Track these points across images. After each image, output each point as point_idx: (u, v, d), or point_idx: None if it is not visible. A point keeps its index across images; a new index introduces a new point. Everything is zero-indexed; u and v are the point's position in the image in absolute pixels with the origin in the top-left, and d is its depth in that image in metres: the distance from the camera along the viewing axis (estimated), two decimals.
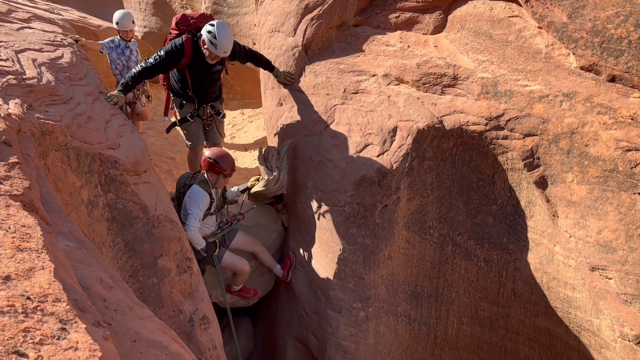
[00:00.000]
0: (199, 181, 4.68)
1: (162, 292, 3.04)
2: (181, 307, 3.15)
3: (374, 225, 4.47)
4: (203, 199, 4.58)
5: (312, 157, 4.86)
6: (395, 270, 4.68)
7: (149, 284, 3.01)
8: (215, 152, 4.76)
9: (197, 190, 4.60)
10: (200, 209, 4.53)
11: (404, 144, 4.36)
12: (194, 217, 4.46)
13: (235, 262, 5.02)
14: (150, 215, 3.18)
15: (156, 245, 3.17)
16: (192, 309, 3.21)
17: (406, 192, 4.49)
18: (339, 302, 4.61)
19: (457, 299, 4.72)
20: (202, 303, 3.35)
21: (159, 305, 2.99)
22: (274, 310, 5.87)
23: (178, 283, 3.22)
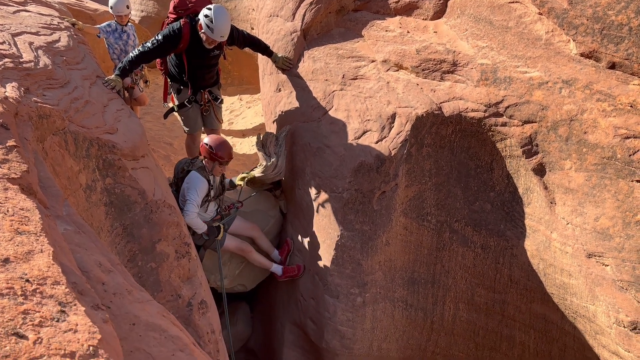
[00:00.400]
0: (197, 167, 4.67)
1: (160, 276, 3.05)
2: (179, 291, 3.16)
3: (371, 212, 4.47)
4: (201, 185, 4.58)
5: (311, 143, 4.84)
6: (392, 256, 4.70)
7: (147, 269, 3.02)
8: (213, 139, 4.75)
9: (195, 177, 4.60)
10: (199, 195, 4.54)
11: (403, 130, 4.35)
12: (192, 202, 4.46)
13: (237, 245, 5.04)
14: (148, 200, 3.17)
15: (154, 230, 3.17)
16: (191, 293, 3.23)
17: (404, 178, 4.49)
18: (337, 288, 4.63)
19: (454, 285, 4.75)
20: (200, 288, 3.36)
21: (158, 290, 3.00)
22: (272, 296, 5.90)
23: (176, 268, 3.22)
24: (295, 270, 5.15)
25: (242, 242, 5.10)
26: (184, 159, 4.93)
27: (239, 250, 5.07)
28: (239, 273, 5.54)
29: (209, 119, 5.70)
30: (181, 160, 4.94)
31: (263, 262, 5.21)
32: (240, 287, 5.65)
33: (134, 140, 3.34)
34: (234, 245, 5.03)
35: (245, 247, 5.08)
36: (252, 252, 5.12)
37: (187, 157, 5.21)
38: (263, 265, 5.23)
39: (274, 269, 5.23)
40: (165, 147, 7.63)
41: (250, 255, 5.13)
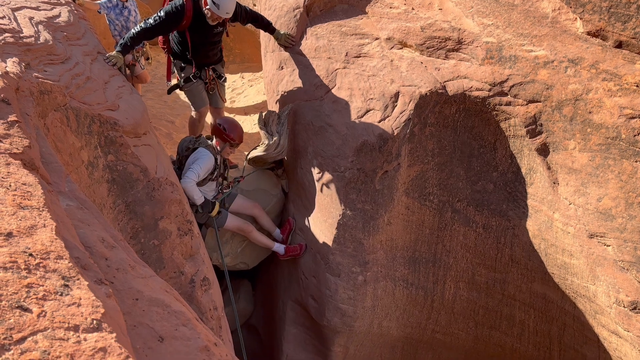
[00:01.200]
0: (205, 145, 4.70)
1: (163, 253, 3.07)
2: (182, 268, 3.18)
3: (373, 191, 4.48)
4: (208, 161, 4.60)
5: (313, 122, 4.82)
6: (394, 235, 4.72)
7: (150, 246, 3.03)
8: (226, 119, 4.83)
9: (204, 152, 4.64)
10: (202, 169, 4.55)
11: (406, 109, 4.33)
12: (194, 172, 4.50)
13: (238, 224, 5.06)
14: (150, 177, 3.17)
15: (157, 207, 3.17)
16: (193, 270, 3.25)
17: (407, 158, 4.48)
18: (338, 266, 4.66)
19: (455, 265, 4.78)
20: (202, 265, 3.38)
21: (160, 267, 3.02)
22: (274, 274, 5.94)
23: (179, 245, 3.24)
24: (297, 249, 5.17)
25: (243, 221, 5.11)
26: (187, 137, 4.92)
27: (240, 229, 5.09)
28: (241, 251, 5.57)
29: (214, 97, 5.66)
30: (185, 138, 4.93)
31: (265, 242, 5.23)
32: (242, 265, 5.68)
33: (135, 117, 3.32)
34: (235, 225, 5.05)
35: (246, 226, 5.10)
36: (253, 231, 5.14)
37: (190, 135, 5.20)
38: (265, 245, 5.26)
39: (276, 248, 5.25)
40: (167, 125, 7.60)
41: (252, 234, 5.15)
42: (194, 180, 4.48)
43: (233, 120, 4.86)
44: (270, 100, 5.92)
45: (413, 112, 4.32)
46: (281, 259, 5.30)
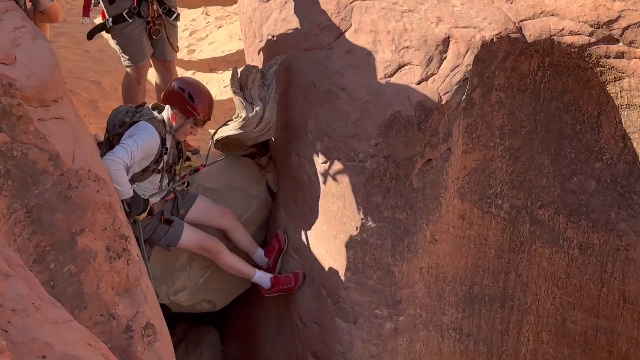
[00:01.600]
0: (149, 117, 4.67)
1: (84, 286, 3.07)
2: (113, 309, 3.18)
3: (410, 191, 4.48)
4: (149, 139, 4.57)
5: (316, 83, 4.81)
6: (441, 260, 4.72)
7: (63, 274, 3.04)
8: (189, 82, 4.82)
9: (145, 126, 4.60)
10: (140, 148, 4.52)
11: (461, 64, 4.32)
12: (125, 149, 4.45)
13: (200, 240, 5.05)
14: (65, 169, 3.17)
15: (74, 215, 3.18)
16: (130, 312, 3.25)
17: (461, 140, 4.48)
18: (354, 308, 4.66)
19: (535, 305, 4.78)
20: (145, 304, 3.38)
21: (80, 307, 3.02)
22: (254, 318, 5.94)
23: (108, 273, 3.24)
24: (290, 280, 5.16)
25: (208, 237, 5.11)
26: (123, 107, 4.91)
27: (203, 248, 5.09)
28: (204, 283, 5.58)
29: (159, 45, 5.67)
30: (119, 108, 4.91)
31: (241, 268, 5.23)
32: (205, 304, 5.69)
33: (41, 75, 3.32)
34: (196, 242, 5.04)
35: (212, 244, 5.09)
36: (222, 251, 5.14)
37: (127, 104, 5.18)
38: (240, 273, 5.25)
39: (258, 278, 5.25)
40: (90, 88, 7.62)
41: (221, 256, 5.14)
42: (123, 161, 4.46)
43: (199, 84, 4.84)
44: (249, 50, 5.90)
45: (471, 69, 4.31)
46: (266, 295, 5.30)
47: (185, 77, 4.88)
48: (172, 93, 4.78)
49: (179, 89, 4.75)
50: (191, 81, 4.88)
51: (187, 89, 4.74)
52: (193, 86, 4.82)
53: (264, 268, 5.37)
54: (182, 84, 4.81)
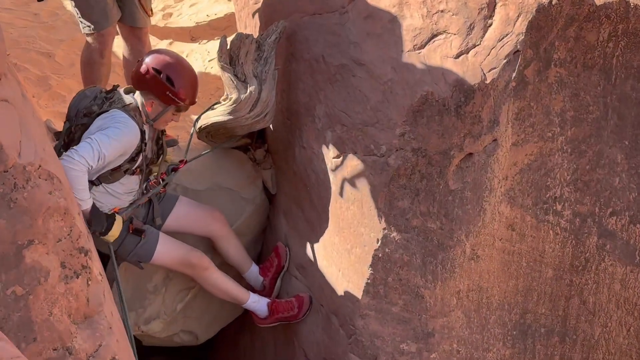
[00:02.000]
0: (123, 105, 4.61)
1: (32, 312, 3.06)
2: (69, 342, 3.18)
3: (445, 194, 4.49)
4: (127, 134, 4.50)
5: (327, 57, 4.83)
6: (484, 281, 4.73)
7: (7, 297, 3.03)
8: (165, 60, 4.70)
9: (121, 117, 4.53)
10: (113, 146, 4.46)
11: (510, 32, 4.32)
12: (90, 145, 4.38)
13: (179, 255, 5.04)
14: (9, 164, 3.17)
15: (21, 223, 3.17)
16: (91, 346, 3.25)
17: (511, 129, 4.47)
18: (374, 342, 4.67)
19: (605, 340, 4.79)
20: (109, 336, 3.38)
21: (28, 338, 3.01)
22: (245, 354, 5.96)
23: (64, 297, 3.24)
24: (292, 306, 5.18)
25: (189, 249, 5.11)
26: (90, 90, 4.84)
27: (184, 264, 5.07)
28: (183, 310, 5.60)
29: (129, 8, 5.69)
30: (84, 92, 4.86)
31: (231, 290, 5.23)
32: (185, 336, 5.71)
33: None
34: (175, 256, 5.04)
35: (196, 258, 5.09)
36: (209, 268, 5.14)
37: (94, 86, 5.12)
38: (230, 296, 5.26)
39: (252, 303, 5.25)
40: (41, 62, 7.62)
41: (207, 274, 5.14)
42: (87, 163, 4.41)
43: (177, 59, 4.80)
44: (241, 14, 5.92)
45: (524, 39, 4.30)
46: (261, 325, 5.32)
47: (158, 53, 4.74)
48: (144, 77, 4.67)
49: (154, 70, 4.63)
50: (167, 58, 4.74)
51: (163, 71, 4.63)
52: (171, 65, 4.69)
53: (258, 290, 5.38)
54: (157, 64, 4.67)
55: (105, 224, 4.60)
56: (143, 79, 4.68)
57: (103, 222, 4.59)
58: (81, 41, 6.19)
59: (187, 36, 8.36)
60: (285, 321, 5.20)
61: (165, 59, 4.71)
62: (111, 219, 4.64)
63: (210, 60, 7.59)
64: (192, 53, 7.92)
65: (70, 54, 7.75)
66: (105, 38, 5.68)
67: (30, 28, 8.20)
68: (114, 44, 6.00)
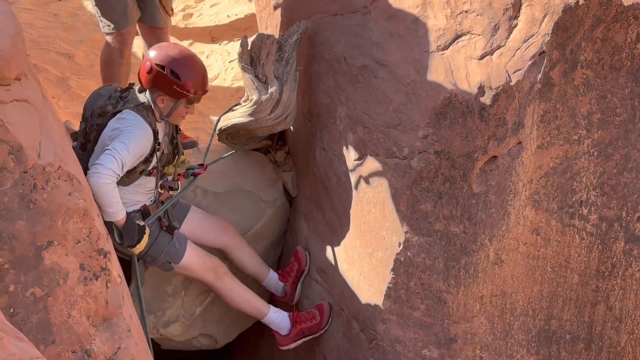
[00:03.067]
0: (135, 104, 4.62)
1: (51, 314, 3.07)
2: (88, 344, 3.18)
3: (468, 198, 4.48)
4: (141, 136, 4.51)
5: (349, 58, 4.82)
6: (508, 286, 4.71)
7: (26, 299, 3.04)
8: (167, 54, 4.66)
9: (133, 119, 4.52)
10: (132, 150, 4.48)
11: (536, 33, 4.30)
12: (114, 155, 4.39)
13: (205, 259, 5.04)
14: (29, 165, 3.18)
15: (41, 224, 3.18)
16: (110, 349, 3.25)
17: (536, 131, 4.46)
18: (395, 347, 4.66)
19: (632, 347, 4.77)
20: (128, 339, 3.39)
21: (47, 340, 3.02)
22: (265, 358, 5.95)
23: (82, 298, 3.24)
24: (314, 315, 5.16)
25: (210, 255, 5.12)
26: (104, 89, 4.87)
27: (208, 268, 5.08)
28: (202, 314, 5.61)
29: (149, 7, 5.72)
30: (99, 91, 4.87)
31: (251, 300, 5.22)
32: (203, 340, 5.71)
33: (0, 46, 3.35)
34: (202, 257, 5.05)
35: (217, 263, 5.09)
36: (227, 275, 5.13)
37: (109, 85, 5.15)
38: (249, 308, 5.27)
39: (274, 315, 5.24)
40: (60, 62, 7.65)
41: (226, 282, 5.13)
42: (114, 173, 4.44)
43: (180, 50, 4.76)
44: (262, 14, 5.92)
45: (550, 40, 4.28)
46: (284, 347, 5.29)
47: (160, 48, 4.74)
48: (149, 74, 4.65)
49: (158, 67, 4.61)
50: (169, 52, 4.70)
51: (167, 65, 4.60)
52: (174, 59, 4.65)
53: (279, 296, 5.36)
54: (159, 59, 4.64)
55: (136, 237, 4.61)
56: (148, 77, 4.66)
57: (135, 235, 4.60)
58: (101, 42, 6.21)
59: (207, 37, 8.38)
60: (309, 335, 5.20)
61: (167, 53, 4.68)
62: (141, 232, 4.65)
63: (230, 61, 7.60)
64: (212, 54, 7.94)
65: (90, 55, 7.78)
66: (125, 38, 5.70)
67: (50, 28, 8.23)
68: (134, 44, 6.01)
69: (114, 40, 5.72)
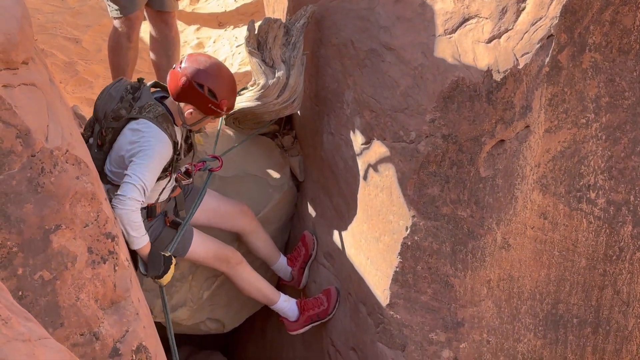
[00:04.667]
0: (155, 115, 4.51)
1: (59, 297, 3.08)
2: (96, 327, 3.19)
3: (475, 182, 4.48)
4: (163, 151, 4.43)
5: (356, 42, 4.82)
6: (515, 270, 4.71)
7: (34, 282, 3.04)
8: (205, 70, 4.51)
9: (153, 132, 4.45)
10: (154, 169, 4.41)
11: (544, 16, 4.28)
12: (138, 180, 4.26)
13: (215, 250, 5.02)
14: (37, 148, 3.18)
15: (48, 207, 3.19)
16: (118, 332, 3.27)
17: (544, 115, 4.45)
18: (402, 331, 4.67)
19: (639, 330, 4.77)
20: (136, 322, 3.40)
21: (55, 323, 3.04)
22: (273, 342, 5.96)
23: (90, 282, 3.25)
24: (322, 301, 5.17)
25: (223, 244, 5.13)
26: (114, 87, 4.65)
27: (218, 259, 5.08)
28: (210, 298, 5.62)
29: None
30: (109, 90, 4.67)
31: (263, 288, 5.23)
32: (211, 324, 5.73)
33: (7, 29, 3.34)
34: (210, 251, 5.03)
35: (230, 252, 5.10)
36: (242, 263, 5.13)
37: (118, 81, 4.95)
38: (260, 295, 5.27)
39: (283, 303, 5.26)
40: (68, 47, 7.65)
41: (240, 270, 5.14)
42: (138, 201, 4.36)
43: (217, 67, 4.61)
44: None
45: (558, 23, 4.27)
46: (293, 332, 5.30)
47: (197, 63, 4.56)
48: (186, 90, 4.52)
49: (197, 85, 4.49)
50: (207, 68, 4.56)
51: (205, 84, 4.49)
52: (212, 77, 4.53)
53: (287, 281, 5.37)
54: (199, 77, 4.51)
55: (162, 268, 4.60)
56: (184, 92, 4.54)
57: (160, 265, 4.60)
58: (108, 27, 6.22)
59: (214, 22, 8.37)
60: (317, 320, 5.21)
61: (206, 71, 4.56)
62: (168, 262, 4.63)
63: (237, 46, 7.60)
64: (219, 39, 7.93)
65: (97, 40, 7.78)
66: (132, 22, 5.70)
67: (57, 13, 8.23)
68: (141, 28, 6.01)
69: (122, 24, 5.72)
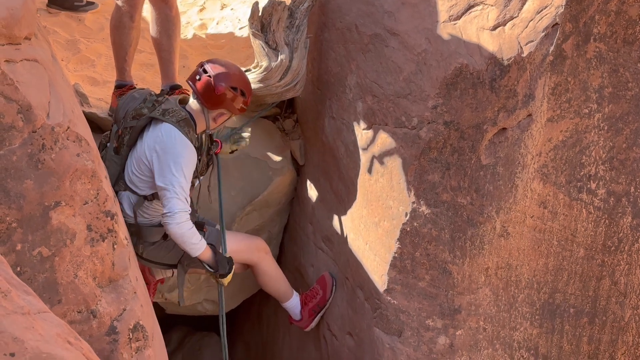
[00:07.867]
0: (177, 119, 4.47)
1: (58, 274, 3.08)
2: (94, 304, 3.19)
3: (476, 169, 4.48)
4: (189, 158, 4.45)
5: (360, 26, 4.81)
6: (513, 259, 4.71)
7: (33, 258, 3.04)
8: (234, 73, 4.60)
9: (177, 137, 4.43)
10: (187, 177, 4.35)
11: (549, 5, 4.28)
12: (179, 192, 4.28)
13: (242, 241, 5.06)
14: (38, 125, 3.17)
15: (49, 184, 3.18)
16: (115, 310, 3.26)
17: (547, 104, 4.44)
18: (399, 316, 4.68)
19: (635, 322, 4.77)
20: (134, 301, 3.39)
21: (53, 300, 3.03)
22: (269, 325, 5.97)
23: (89, 259, 3.24)
24: (317, 291, 5.18)
25: (251, 236, 5.19)
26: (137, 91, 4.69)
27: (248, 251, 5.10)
28: (207, 279, 5.61)
29: None
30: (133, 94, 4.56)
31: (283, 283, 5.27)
32: (208, 305, 5.74)
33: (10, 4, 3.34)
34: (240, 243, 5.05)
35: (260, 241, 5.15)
36: (268, 254, 5.19)
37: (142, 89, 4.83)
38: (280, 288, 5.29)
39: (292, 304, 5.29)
40: (70, 25, 7.63)
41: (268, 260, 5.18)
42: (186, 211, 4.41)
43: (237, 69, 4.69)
44: None
45: (563, 12, 4.26)
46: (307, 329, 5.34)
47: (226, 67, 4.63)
48: (223, 97, 4.55)
49: (232, 89, 4.55)
50: (233, 70, 4.65)
51: (239, 87, 4.58)
52: (241, 79, 4.66)
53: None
54: (232, 81, 4.57)
55: (227, 266, 4.68)
56: (222, 100, 4.58)
57: (226, 265, 4.68)
58: (110, 5, 6.19)
59: (217, 2, 8.34)
60: (319, 311, 5.26)
61: (235, 74, 4.66)
62: (231, 263, 4.72)
63: (241, 27, 7.57)
64: (222, 20, 7.90)
65: (100, 18, 7.75)
66: (135, 1, 5.67)
67: None
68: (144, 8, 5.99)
69: (125, 3, 5.69)
